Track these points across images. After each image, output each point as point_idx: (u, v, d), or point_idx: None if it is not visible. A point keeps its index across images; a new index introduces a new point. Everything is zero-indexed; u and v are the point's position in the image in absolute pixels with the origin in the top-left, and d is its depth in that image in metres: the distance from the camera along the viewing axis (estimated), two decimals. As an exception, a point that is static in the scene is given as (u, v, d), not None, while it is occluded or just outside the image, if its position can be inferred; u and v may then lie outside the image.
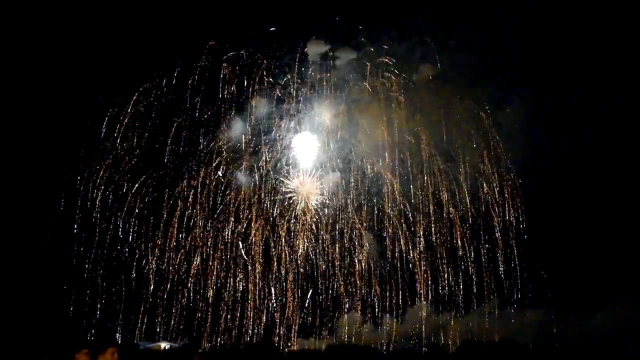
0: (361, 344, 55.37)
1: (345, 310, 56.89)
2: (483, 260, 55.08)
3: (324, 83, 59.15)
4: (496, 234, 55.34)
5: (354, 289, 57.10)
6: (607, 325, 47.86)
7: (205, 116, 58.87)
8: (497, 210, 55.66)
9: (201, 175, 58.36)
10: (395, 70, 58.61)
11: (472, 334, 53.32)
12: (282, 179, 58.95)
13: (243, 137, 59.25)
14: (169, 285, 56.69)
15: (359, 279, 56.88)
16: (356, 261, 57.04)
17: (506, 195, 55.84)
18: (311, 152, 59.27)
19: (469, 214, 55.94)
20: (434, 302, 55.34)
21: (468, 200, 55.81)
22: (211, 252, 57.42)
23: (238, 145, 59.21)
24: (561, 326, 50.66)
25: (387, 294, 56.49)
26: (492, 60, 55.89)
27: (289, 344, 56.54)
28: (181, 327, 57.30)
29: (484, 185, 56.29)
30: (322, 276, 57.21)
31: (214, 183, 58.42)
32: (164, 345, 57.39)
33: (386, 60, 58.47)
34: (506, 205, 55.54)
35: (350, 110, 58.87)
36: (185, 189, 57.72)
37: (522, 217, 55.25)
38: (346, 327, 56.49)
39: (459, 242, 55.71)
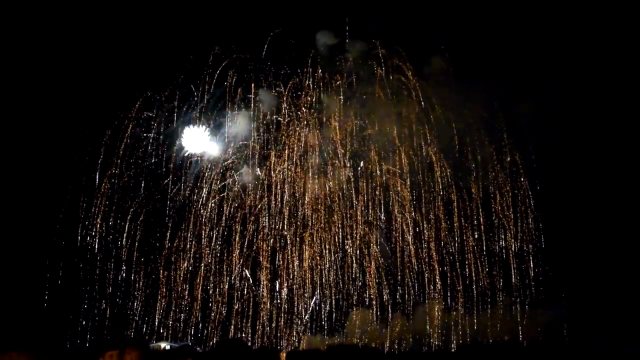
0: (370, 342, 55.65)
1: (355, 307, 57.16)
2: (495, 260, 55.65)
3: (333, 77, 58.92)
4: (509, 234, 55.76)
5: (362, 287, 57.45)
6: (618, 325, 48.52)
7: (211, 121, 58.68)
8: (509, 212, 56.04)
9: (206, 184, 58.23)
10: (407, 64, 58.23)
11: (482, 334, 53.68)
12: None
13: (251, 139, 59.11)
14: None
15: (369, 277, 57.19)
16: (365, 260, 57.34)
17: (519, 196, 56.22)
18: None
19: (481, 214, 56.44)
20: (444, 301, 55.82)
21: (479, 202, 56.40)
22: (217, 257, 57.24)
23: (245, 152, 59.17)
24: (572, 326, 51.43)
25: (398, 292, 56.76)
26: (506, 55, 55.70)
27: (298, 343, 56.64)
28: (179, 328, 57.23)
29: (496, 184, 56.70)
30: (331, 275, 57.38)
31: (219, 188, 58.18)
32: (164, 345, 57.06)
33: (397, 62, 58.57)
34: (519, 206, 56.02)
35: (359, 104, 58.87)
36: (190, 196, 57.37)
37: (535, 223, 55.62)
38: (356, 326, 56.64)
39: (470, 242, 56.35)
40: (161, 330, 56.71)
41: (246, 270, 56.82)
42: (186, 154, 58.07)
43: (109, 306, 54.28)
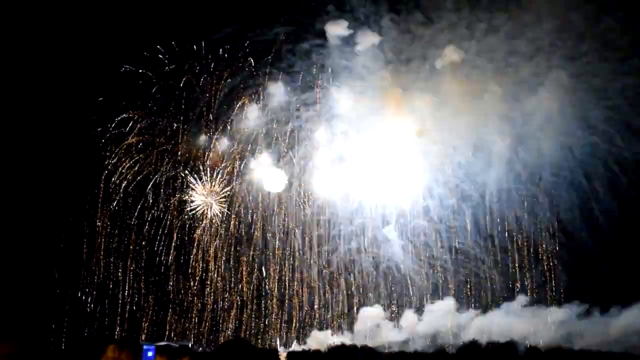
0: (378, 341, 55.03)
1: (367, 304, 56.59)
2: (510, 259, 54.97)
3: (344, 70, 58.03)
4: (524, 233, 55.06)
5: (372, 284, 56.76)
6: (631, 325, 47.45)
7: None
8: (525, 209, 55.11)
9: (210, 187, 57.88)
10: (418, 57, 57.04)
11: (489, 335, 52.67)
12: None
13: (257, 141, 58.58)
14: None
15: (380, 274, 56.59)
16: (375, 257, 56.79)
17: (537, 193, 55.34)
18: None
19: (495, 213, 55.46)
20: (457, 299, 55.40)
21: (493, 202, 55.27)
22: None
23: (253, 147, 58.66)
24: (583, 325, 50.38)
25: (410, 290, 56.36)
26: (522, 46, 54.16)
27: (306, 340, 56.35)
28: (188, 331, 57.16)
29: (510, 182, 55.57)
30: (340, 272, 56.87)
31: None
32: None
33: (408, 56, 57.14)
34: (534, 205, 55.07)
35: (370, 98, 57.60)
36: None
37: (550, 222, 54.83)
38: (367, 322, 56.11)
39: (482, 241, 55.44)
40: (171, 333, 56.27)
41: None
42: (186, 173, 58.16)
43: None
